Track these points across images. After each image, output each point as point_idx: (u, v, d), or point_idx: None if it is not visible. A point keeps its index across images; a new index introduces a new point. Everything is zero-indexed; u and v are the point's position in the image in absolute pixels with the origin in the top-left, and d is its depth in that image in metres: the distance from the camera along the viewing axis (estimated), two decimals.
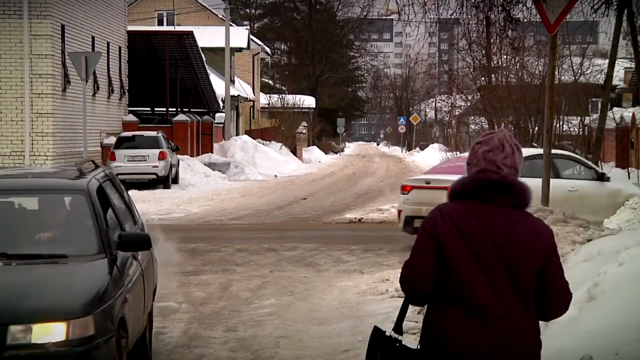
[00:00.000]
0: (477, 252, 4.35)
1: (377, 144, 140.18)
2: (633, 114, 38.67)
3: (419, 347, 4.50)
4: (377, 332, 4.59)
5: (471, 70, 39.69)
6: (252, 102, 66.36)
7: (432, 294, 4.42)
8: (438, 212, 4.44)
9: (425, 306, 4.55)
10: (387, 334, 4.56)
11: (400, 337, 4.56)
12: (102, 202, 7.85)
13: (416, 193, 17.01)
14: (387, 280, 12.78)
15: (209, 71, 47.35)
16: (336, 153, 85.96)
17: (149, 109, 46.85)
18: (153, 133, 34.81)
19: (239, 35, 58.20)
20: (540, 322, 4.51)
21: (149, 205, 27.23)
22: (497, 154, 4.44)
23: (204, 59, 45.67)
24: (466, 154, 4.72)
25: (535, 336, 4.43)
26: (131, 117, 40.55)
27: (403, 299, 4.64)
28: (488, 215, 4.38)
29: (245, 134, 55.71)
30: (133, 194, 31.05)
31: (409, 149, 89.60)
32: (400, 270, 4.55)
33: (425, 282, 4.40)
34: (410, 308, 4.72)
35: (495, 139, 4.48)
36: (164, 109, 43.66)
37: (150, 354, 8.91)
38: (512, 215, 4.40)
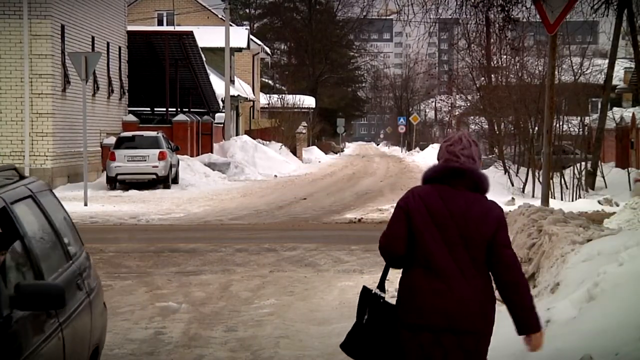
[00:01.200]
0: (439, 225, 5.32)
1: (377, 144, 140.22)
2: (633, 114, 38.67)
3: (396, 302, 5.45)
4: (365, 291, 5.55)
5: (471, 70, 39.69)
6: (252, 102, 66.35)
7: (405, 258, 5.39)
8: (411, 193, 5.46)
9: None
10: (373, 292, 5.52)
11: (383, 294, 5.52)
12: (7, 232, 5.67)
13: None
14: (387, 280, 12.77)
15: (208, 71, 47.36)
16: (336, 153, 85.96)
17: (149, 109, 46.85)
18: (153, 133, 34.81)
19: (239, 35, 58.20)
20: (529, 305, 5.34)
21: (149, 205, 27.23)
22: (456, 146, 5.45)
23: (204, 59, 45.67)
24: None
25: (486, 294, 5.32)
26: (131, 117, 40.55)
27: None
28: (449, 196, 5.37)
29: (245, 134, 55.71)
30: (133, 194, 31.21)
31: (409, 149, 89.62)
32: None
33: (398, 248, 5.37)
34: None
35: (456, 136, 5.55)
36: (164, 109, 43.66)
37: None
38: (469, 197, 5.39)
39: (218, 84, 49.53)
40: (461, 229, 5.30)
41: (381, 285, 5.57)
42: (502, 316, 5.31)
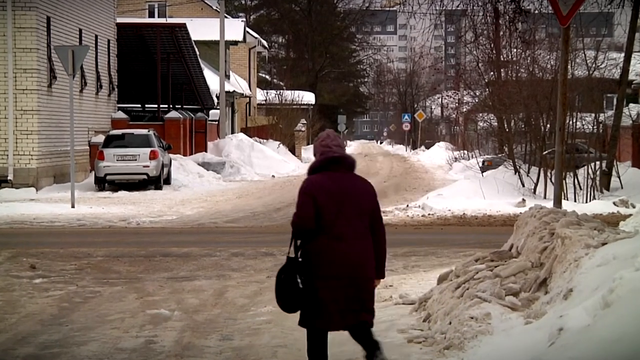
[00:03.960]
0: (335, 201, 7.70)
1: (380, 142, 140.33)
2: None
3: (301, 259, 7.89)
4: (288, 259, 7.85)
5: (479, 64, 39.68)
6: (248, 99, 66.40)
7: (312, 230, 7.69)
8: (308, 181, 7.80)
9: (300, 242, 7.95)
10: (294, 257, 7.83)
11: (300, 258, 7.81)
12: None
13: None
14: (390, 286, 12.77)
15: (202, 66, 47.40)
16: None
17: (140, 105, 46.90)
18: (144, 131, 34.84)
19: (234, 28, 58.25)
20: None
21: (139, 207, 27.25)
22: (327, 140, 7.90)
23: (198, 52, 45.71)
24: None
25: (372, 249, 7.84)
26: (121, 114, 40.59)
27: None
28: (337, 178, 7.79)
29: (241, 131, 55.75)
30: (123, 195, 31.25)
31: (414, 147, 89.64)
32: (403, 275, 7.26)
33: (310, 224, 7.72)
34: (416, 316, 8.42)
35: (324, 134, 8.01)
36: (155, 106, 43.71)
37: None
38: (350, 177, 7.89)
39: (212, 79, 49.56)
40: (352, 202, 7.74)
41: (296, 251, 7.85)
42: (511, 324, 5.31)
